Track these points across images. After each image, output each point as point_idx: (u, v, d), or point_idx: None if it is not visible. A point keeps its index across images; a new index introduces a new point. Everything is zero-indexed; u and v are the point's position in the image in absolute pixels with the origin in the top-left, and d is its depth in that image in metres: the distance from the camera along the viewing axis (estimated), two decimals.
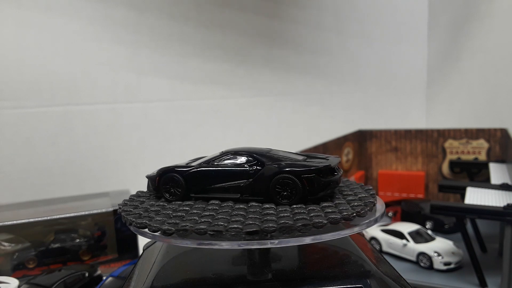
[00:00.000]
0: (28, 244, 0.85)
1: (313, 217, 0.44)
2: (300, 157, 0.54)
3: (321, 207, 0.47)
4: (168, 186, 0.54)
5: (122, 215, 0.51)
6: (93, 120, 1.23)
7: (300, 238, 0.43)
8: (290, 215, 0.45)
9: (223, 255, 0.54)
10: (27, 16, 1.10)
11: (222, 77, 1.47)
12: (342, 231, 0.45)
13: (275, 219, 0.44)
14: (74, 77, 1.19)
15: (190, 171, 0.53)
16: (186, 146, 1.38)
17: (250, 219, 0.45)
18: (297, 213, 0.46)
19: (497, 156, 1.31)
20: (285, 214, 0.46)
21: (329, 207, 0.47)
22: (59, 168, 1.18)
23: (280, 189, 0.49)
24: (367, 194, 0.53)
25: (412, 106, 1.90)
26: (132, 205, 0.53)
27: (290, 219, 0.44)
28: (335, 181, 0.51)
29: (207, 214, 0.47)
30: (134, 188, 0.99)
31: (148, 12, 1.29)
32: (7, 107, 1.10)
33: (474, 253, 0.84)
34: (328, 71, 1.75)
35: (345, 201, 0.50)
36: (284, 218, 0.44)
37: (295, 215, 0.45)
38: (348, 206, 0.47)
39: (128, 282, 0.52)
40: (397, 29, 1.85)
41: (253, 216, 0.45)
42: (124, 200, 0.56)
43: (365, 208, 0.47)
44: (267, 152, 0.54)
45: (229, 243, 0.43)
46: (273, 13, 1.58)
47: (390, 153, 1.47)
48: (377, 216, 0.49)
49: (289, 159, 0.52)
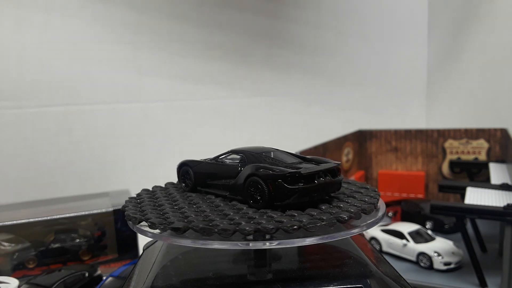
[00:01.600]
0: (28, 244, 0.85)
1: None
2: (295, 160, 0.53)
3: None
4: (184, 177, 0.59)
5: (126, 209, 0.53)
6: (93, 120, 1.23)
7: (300, 239, 0.43)
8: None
9: (223, 255, 0.54)
10: (27, 16, 1.10)
11: (222, 77, 1.47)
12: (343, 232, 0.45)
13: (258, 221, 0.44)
14: (74, 77, 1.19)
15: (197, 165, 0.57)
16: (186, 146, 1.37)
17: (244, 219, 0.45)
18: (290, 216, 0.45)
19: (497, 156, 1.31)
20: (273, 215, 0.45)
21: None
22: (59, 168, 1.18)
23: (253, 192, 0.49)
24: (366, 198, 0.52)
25: (412, 106, 1.90)
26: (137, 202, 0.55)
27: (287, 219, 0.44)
28: (310, 188, 0.47)
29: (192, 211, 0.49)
30: (134, 188, 0.99)
31: (148, 12, 1.29)
32: (7, 107, 1.10)
33: (474, 253, 0.84)
34: (328, 71, 1.75)
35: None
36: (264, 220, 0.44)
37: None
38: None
39: (128, 282, 0.52)
40: (397, 29, 1.85)
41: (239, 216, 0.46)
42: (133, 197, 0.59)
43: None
44: (262, 153, 0.53)
45: (230, 244, 0.42)
46: (273, 13, 1.57)
47: (390, 153, 1.47)
48: (378, 217, 0.49)
49: (277, 162, 0.51)
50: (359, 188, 0.57)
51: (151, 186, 0.64)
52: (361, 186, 0.58)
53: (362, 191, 0.55)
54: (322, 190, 0.49)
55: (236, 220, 0.45)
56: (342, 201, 0.50)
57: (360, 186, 0.58)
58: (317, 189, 0.48)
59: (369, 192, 0.55)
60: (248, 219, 0.45)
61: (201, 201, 0.53)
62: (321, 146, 1.21)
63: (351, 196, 0.53)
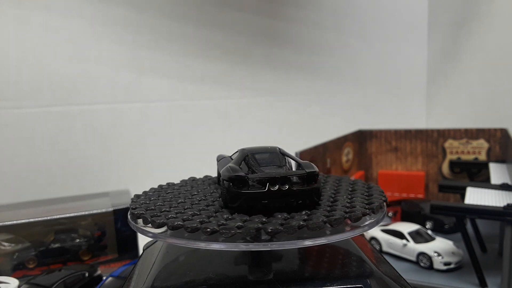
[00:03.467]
0: (28, 244, 0.85)
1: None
2: (279, 164, 0.52)
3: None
4: None
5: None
6: (93, 120, 1.23)
7: (301, 240, 0.43)
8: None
9: (224, 255, 0.54)
10: (27, 16, 1.10)
11: (222, 77, 1.47)
12: (344, 233, 0.45)
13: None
14: (74, 77, 1.19)
15: None
16: (186, 146, 1.38)
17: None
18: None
19: (497, 156, 1.31)
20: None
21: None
22: (59, 168, 1.18)
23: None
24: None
25: (412, 106, 1.90)
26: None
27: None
28: (258, 194, 0.47)
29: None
30: (134, 188, 0.99)
31: (148, 12, 1.29)
32: (7, 107, 1.10)
33: (474, 253, 0.84)
34: (328, 71, 1.75)
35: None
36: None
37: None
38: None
39: (128, 282, 0.52)
40: (397, 29, 1.85)
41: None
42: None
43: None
44: (248, 154, 0.54)
45: (233, 245, 0.43)
46: (273, 13, 1.58)
47: (390, 153, 1.47)
48: (378, 218, 0.49)
49: (254, 164, 0.51)
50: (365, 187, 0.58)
51: (150, 186, 0.64)
52: (369, 187, 0.58)
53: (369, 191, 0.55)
54: (279, 197, 0.47)
55: (185, 217, 0.46)
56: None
57: (368, 186, 0.59)
58: (269, 196, 0.47)
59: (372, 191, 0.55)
60: (198, 215, 0.47)
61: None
62: (321, 146, 1.21)
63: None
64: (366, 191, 0.56)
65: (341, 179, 0.64)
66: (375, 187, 0.58)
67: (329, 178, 0.65)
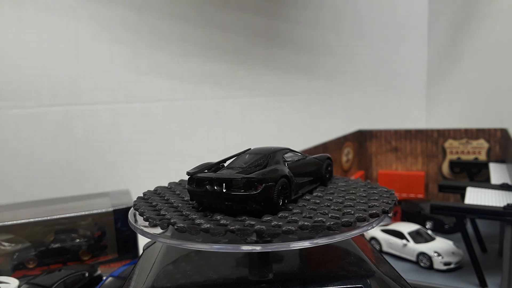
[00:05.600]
0: (28, 244, 0.85)
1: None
2: (260, 162, 0.52)
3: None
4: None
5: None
6: (93, 120, 1.23)
7: (301, 242, 0.43)
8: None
9: (224, 255, 0.54)
10: (27, 16, 1.10)
11: (222, 77, 1.47)
12: (343, 233, 0.45)
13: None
14: (74, 77, 1.19)
15: None
16: (186, 146, 1.37)
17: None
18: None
19: (497, 156, 1.31)
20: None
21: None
22: (59, 168, 1.18)
23: None
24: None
25: (412, 106, 1.90)
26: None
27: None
28: (199, 193, 0.48)
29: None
30: (134, 188, 0.99)
31: (148, 12, 1.29)
32: (7, 107, 1.10)
33: (474, 253, 0.84)
34: (328, 71, 1.75)
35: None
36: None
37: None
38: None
39: (128, 282, 0.52)
40: (397, 29, 1.85)
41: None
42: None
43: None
44: (249, 153, 0.55)
45: (233, 246, 0.43)
46: (273, 13, 1.58)
47: (390, 153, 1.47)
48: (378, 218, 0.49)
49: (236, 163, 0.53)
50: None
51: (151, 186, 0.64)
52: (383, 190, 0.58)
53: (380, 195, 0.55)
54: (215, 198, 0.47)
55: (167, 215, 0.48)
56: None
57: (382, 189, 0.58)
58: (206, 196, 0.47)
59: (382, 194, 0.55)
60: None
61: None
62: (321, 146, 1.21)
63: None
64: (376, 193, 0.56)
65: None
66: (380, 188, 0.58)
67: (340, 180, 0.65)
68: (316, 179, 0.59)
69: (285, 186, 0.48)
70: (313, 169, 0.58)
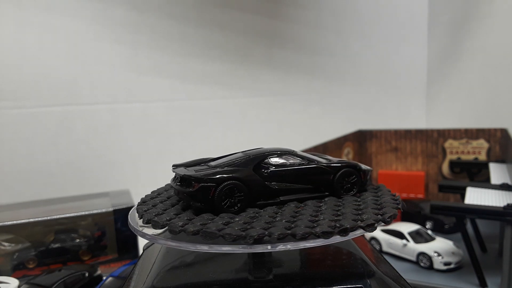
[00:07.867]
0: (28, 244, 0.85)
1: None
2: (239, 166, 0.52)
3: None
4: None
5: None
6: (93, 120, 1.23)
7: (302, 242, 0.43)
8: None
9: (224, 255, 0.54)
10: (27, 16, 1.10)
11: (222, 77, 1.47)
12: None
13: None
14: (74, 77, 1.19)
15: None
16: (186, 146, 1.37)
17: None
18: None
19: (497, 156, 1.31)
20: None
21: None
22: (59, 168, 1.18)
23: None
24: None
25: (412, 106, 1.90)
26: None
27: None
28: (174, 189, 0.51)
29: None
30: (134, 188, 0.99)
31: (148, 12, 1.29)
32: (7, 107, 1.10)
33: (474, 253, 0.84)
34: (328, 71, 1.75)
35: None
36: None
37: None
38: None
39: (128, 282, 0.52)
40: (397, 29, 1.85)
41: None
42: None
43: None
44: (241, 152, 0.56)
45: (233, 247, 0.43)
46: (273, 13, 1.57)
47: (390, 153, 1.47)
48: None
49: (221, 163, 0.53)
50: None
51: (151, 186, 0.64)
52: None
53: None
54: (181, 195, 0.49)
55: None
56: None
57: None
58: (178, 193, 0.50)
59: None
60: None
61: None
62: (321, 146, 1.21)
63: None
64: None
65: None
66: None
67: None
68: (320, 189, 0.54)
69: (236, 189, 0.48)
70: (314, 177, 0.54)
